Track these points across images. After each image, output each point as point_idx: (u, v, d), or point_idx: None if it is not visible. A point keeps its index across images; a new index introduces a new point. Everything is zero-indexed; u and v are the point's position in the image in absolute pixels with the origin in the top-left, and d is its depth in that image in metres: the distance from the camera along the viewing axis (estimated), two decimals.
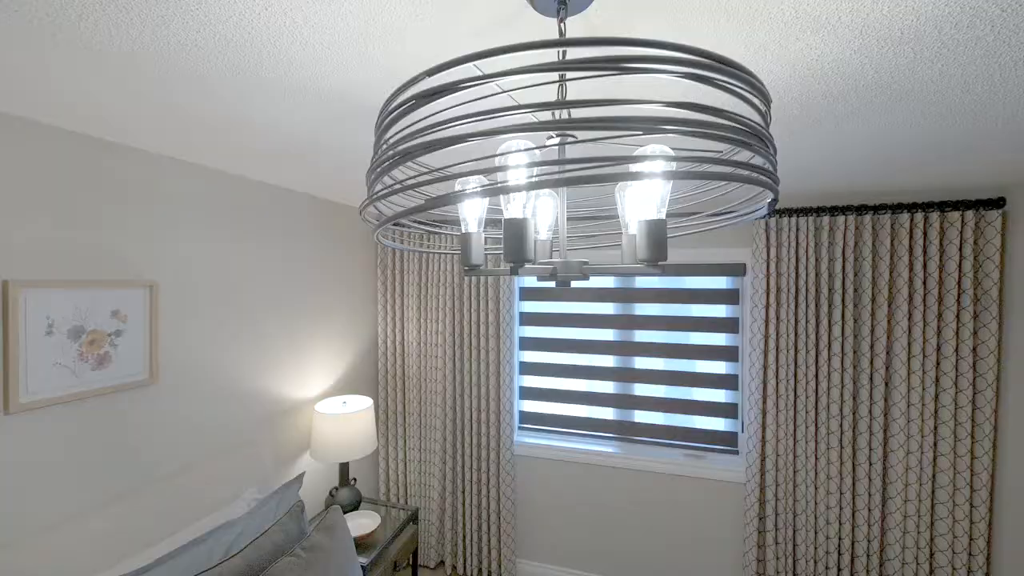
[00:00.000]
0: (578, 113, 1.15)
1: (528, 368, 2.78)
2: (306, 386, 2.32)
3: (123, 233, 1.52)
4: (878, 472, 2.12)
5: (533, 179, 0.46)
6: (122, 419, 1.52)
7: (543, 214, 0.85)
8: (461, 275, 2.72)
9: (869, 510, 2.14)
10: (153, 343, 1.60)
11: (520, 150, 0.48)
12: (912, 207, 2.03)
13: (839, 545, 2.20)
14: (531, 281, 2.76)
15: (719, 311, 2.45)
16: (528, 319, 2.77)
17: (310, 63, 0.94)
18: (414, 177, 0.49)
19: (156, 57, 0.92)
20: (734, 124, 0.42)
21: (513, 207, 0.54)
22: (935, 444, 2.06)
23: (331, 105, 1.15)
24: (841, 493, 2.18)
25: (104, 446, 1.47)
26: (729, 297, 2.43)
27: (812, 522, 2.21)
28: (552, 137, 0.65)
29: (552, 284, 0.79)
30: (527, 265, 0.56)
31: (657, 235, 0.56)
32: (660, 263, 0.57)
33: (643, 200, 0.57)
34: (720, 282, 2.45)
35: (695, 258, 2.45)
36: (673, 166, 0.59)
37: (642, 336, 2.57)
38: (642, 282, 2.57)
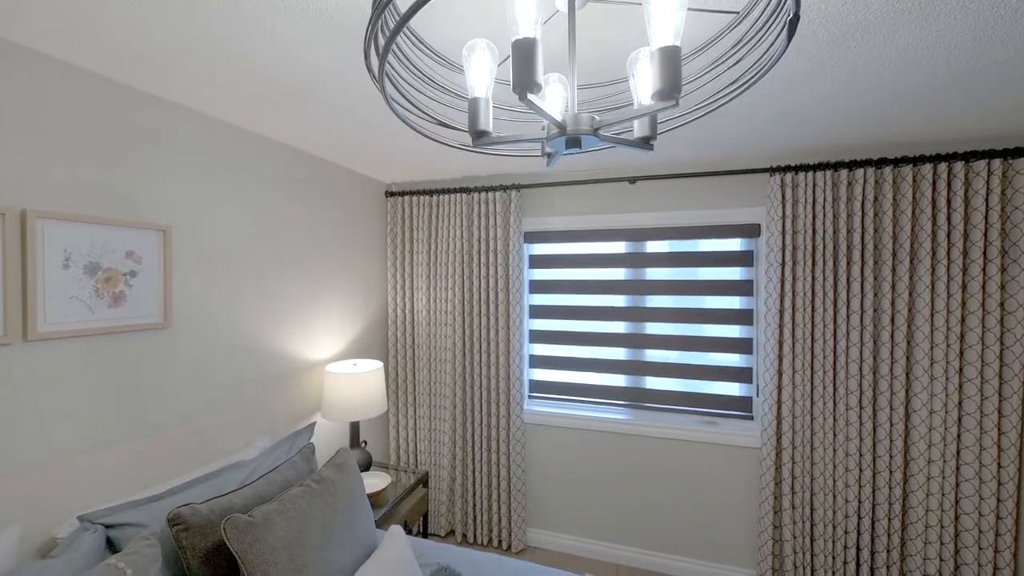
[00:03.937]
0: None
1: (538, 336, 2.76)
2: (317, 348, 2.33)
3: (137, 176, 1.54)
4: (899, 433, 2.06)
5: None
6: (136, 359, 1.54)
7: (552, 100, 0.83)
8: (470, 243, 2.71)
9: (890, 472, 2.08)
10: (167, 287, 1.62)
11: None
12: (935, 158, 1.97)
13: (858, 509, 2.14)
14: (541, 248, 2.73)
15: (733, 274, 2.40)
16: (537, 287, 2.75)
17: None
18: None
19: None
20: None
21: (522, 28, 0.53)
22: (960, 403, 1.99)
23: (338, 25, 1.15)
24: (860, 455, 2.12)
25: (119, 383, 1.49)
26: (743, 259, 2.38)
27: (830, 486, 2.16)
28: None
29: (563, 149, 0.76)
30: (536, 97, 0.55)
31: (672, 62, 0.54)
32: (675, 94, 0.55)
33: (655, 28, 0.55)
34: (734, 244, 2.41)
35: (707, 220, 2.40)
36: None
37: (653, 302, 2.54)
38: (653, 247, 2.53)
